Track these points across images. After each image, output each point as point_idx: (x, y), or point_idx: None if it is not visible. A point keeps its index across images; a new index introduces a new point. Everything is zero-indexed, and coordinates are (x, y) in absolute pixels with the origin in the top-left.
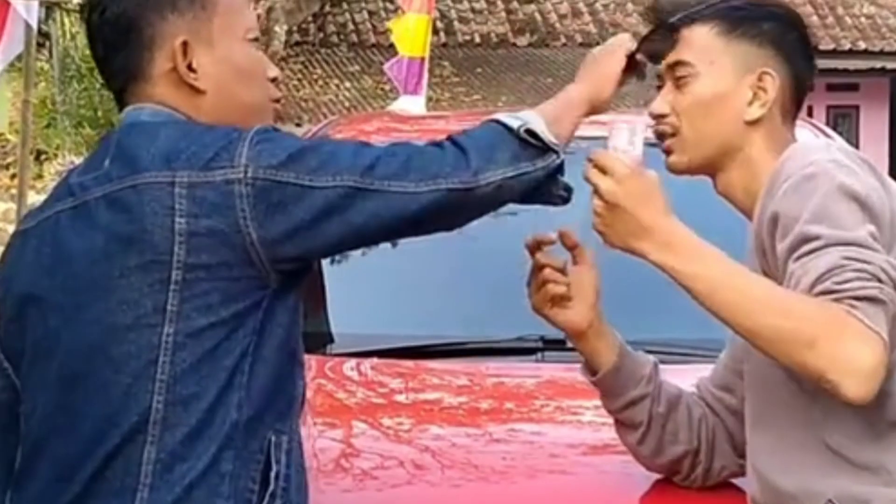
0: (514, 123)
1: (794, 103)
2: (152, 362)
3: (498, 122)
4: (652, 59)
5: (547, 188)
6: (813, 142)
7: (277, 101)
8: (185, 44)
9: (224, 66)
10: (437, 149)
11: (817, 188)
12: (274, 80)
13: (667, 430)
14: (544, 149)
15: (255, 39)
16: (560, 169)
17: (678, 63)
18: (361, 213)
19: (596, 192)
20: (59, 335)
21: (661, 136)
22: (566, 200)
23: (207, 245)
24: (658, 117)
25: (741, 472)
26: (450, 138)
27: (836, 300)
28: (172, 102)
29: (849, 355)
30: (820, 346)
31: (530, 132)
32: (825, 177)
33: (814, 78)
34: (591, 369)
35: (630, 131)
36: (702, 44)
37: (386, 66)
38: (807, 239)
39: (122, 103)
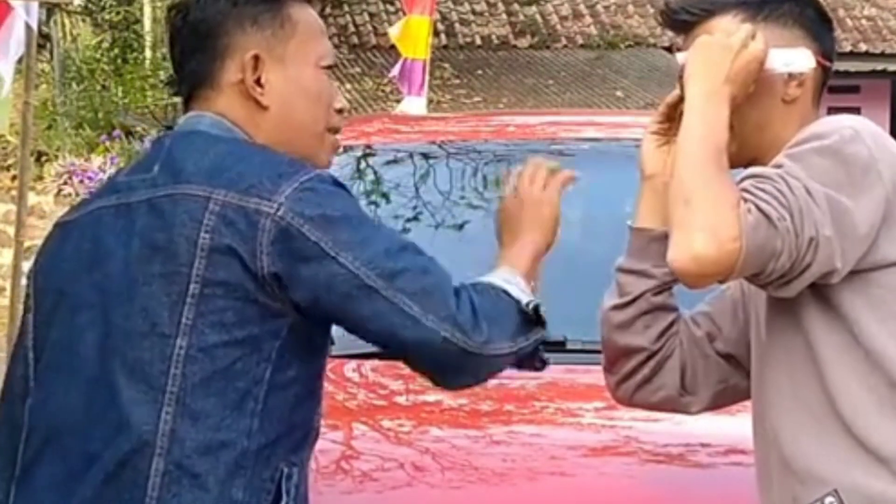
0: (524, 299)
1: (824, 80)
2: (163, 373)
3: (508, 294)
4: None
5: (531, 359)
6: (834, 117)
7: (337, 131)
8: (256, 57)
9: (292, 87)
10: (455, 295)
11: (820, 141)
12: (340, 111)
13: (643, 318)
14: (537, 322)
15: (329, 67)
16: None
17: None
18: (366, 308)
19: None
20: (83, 334)
21: None
22: (541, 369)
23: (226, 263)
24: None
25: (671, 404)
26: (465, 288)
27: (744, 199)
28: (234, 115)
29: (701, 230)
30: (692, 206)
31: (536, 309)
32: (828, 136)
33: (835, 53)
34: (646, 230)
35: None
36: (727, 32)
37: (392, 73)
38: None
39: (187, 109)
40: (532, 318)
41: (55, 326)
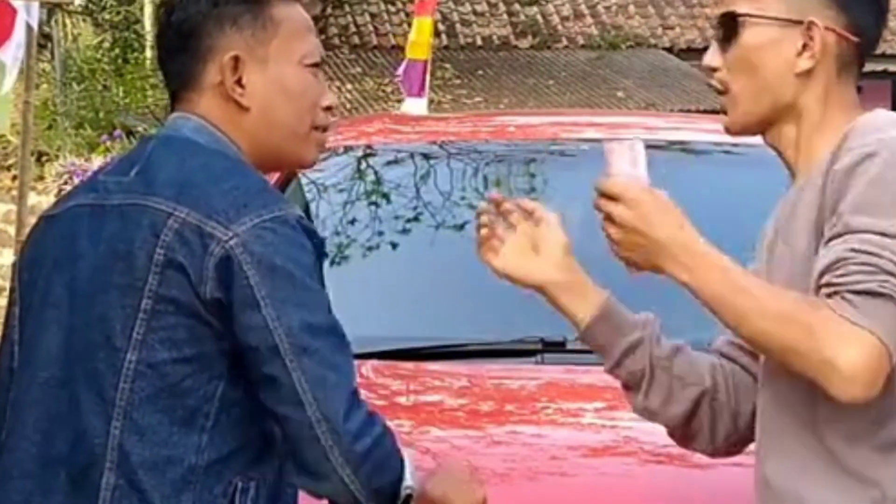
0: (408, 481)
1: (857, 55)
2: (114, 386)
3: (403, 465)
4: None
5: None
6: (885, 115)
7: (325, 129)
8: (235, 58)
9: (273, 87)
10: (351, 408)
11: (868, 170)
12: (329, 108)
13: (673, 374)
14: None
15: (315, 65)
16: None
17: (726, 14)
18: (266, 368)
19: (609, 219)
20: (50, 332)
21: (717, 91)
22: None
23: (178, 281)
24: (710, 70)
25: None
26: (380, 422)
27: (832, 294)
28: (217, 117)
29: (832, 357)
30: (806, 351)
31: (407, 498)
32: (880, 158)
33: (881, 30)
34: (576, 326)
35: (630, 149)
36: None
37: (398, 72)
38: (839, 229)
39: (174, 107)
40: (396, 499)
41: (29, 321)
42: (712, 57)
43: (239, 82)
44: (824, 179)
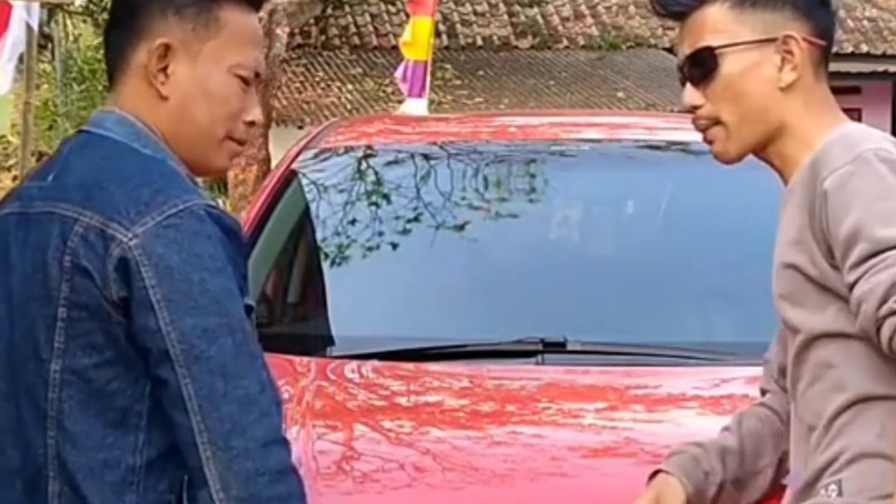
0: None
1: (823, 56)
2: (44, 397)
3: None
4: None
5: None
6: (858, 129)
7: (242, 143)
8: (166, 46)
9: (195, 86)
10: (254, 442)
11: (861, 185)
12: (251, 123)
13: (756, 470)
14: None
15: (245, 80)
16: None
17: (699, 51)
18: (157, 371)
19: None
20: (10, 341)
21: (700, 129)
22: None
23: (86, 286)
24: (693, 109)
25: None
26: (293, 471)
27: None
28: (137, 102)
29: None
30: None
31: None
32: (870, 169)
33: (835, 25)
34: None
35: None
36: (715, 24)
37: (396, 74)
38: (864, 252)
39: (110, 81)
40: None
41: None
42: (692, 96)
43: (164, 71)
44: (811, 191)
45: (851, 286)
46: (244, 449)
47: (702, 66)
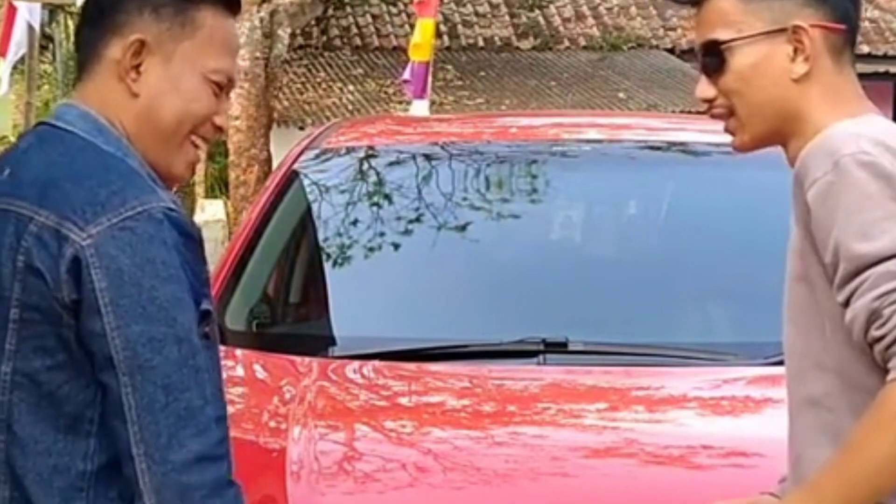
0: None
1: (846, 41)
2: None
3: None
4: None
5: None
6: (839, 131)
7: (206, 140)
8: (141, 43)
9: (167, 85)
10: (191, 457)
11: (840, 196)
12: (219, 128)
13: None
14: None
15: (218, 85)
16: None
17: (708, 43)
18: (102, 376)
19: None
20: None
21: (719, 118)
22: None
23: (38, 287)
24: (707, 102)
25: None
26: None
27: (887, 347)
28: (104, 97)
29: None
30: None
31: None
32: (848, 178)
33: (859, 11)
34: None
35: None
36: (725, 15)
37: (404, 76)
38: (845, 272)
39: (78, 77)
40: None
41: None
42: (705, 89)
43: (137, 68)
44: (800, 203)
45: (843, 305)
46: (180, 463)
47: (712, 59)
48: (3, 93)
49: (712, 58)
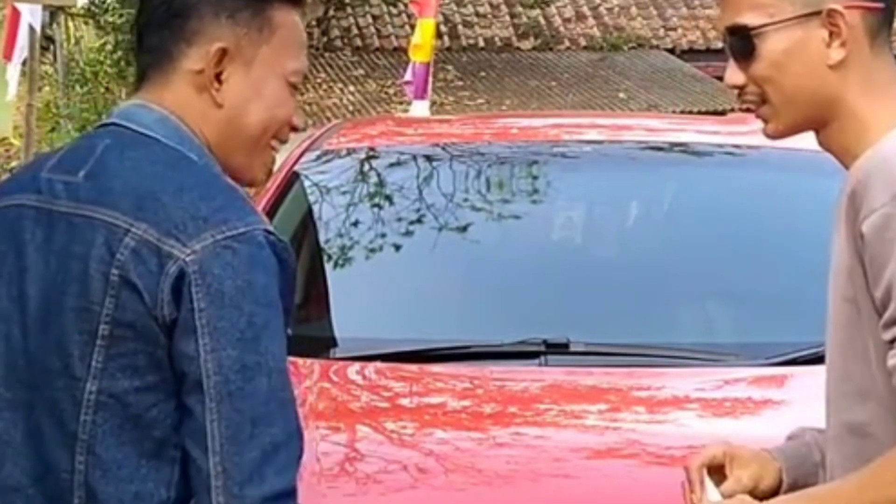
0: None
1: (883, 21)
2: (75, 418)
3: None
4: None
5: None
6: None
7: (282, 142)
8: (223, 51)
9: (250, 92)
10: (269, 495)
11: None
12: (294, 128)
13: None
14: None
15: (294, 86)
16: None
17: (735, 28)
18: (186, 400)
19: None
20: (24, 349)
21: (751, 104)
22: None
23: (133, 304)
24: (737, 89)
25: None
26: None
27: None
28: (184, 107)
29: None
30: None
31: None
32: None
33: None
34: None
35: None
36: None
37: (406, 77)
38: (894, 313)
39: (139, 84)
40: None
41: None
42: (734, 75)
43: (218, 77)
44: (852, 227)
45: (888, 343)
46: (259, 499)
47: (740, 44)
48: (11, 97)
49: (741, 43)
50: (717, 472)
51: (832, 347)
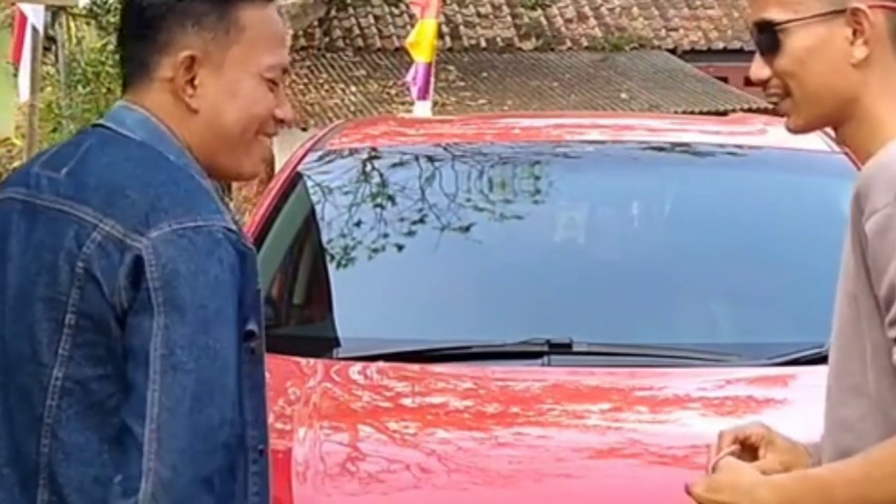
0: None
1: None
2: (41, 403)
3: None
4: None
5: None
6: None
7: (270, 136)
8: (191, 58)
9: (224, 94)
10: (200, 470)
11: None
12: (281, 121)
13: None
14: None
15: (273, 81)
16: None
17: (762, 23)
18: (135, 373)
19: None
20: (1, 336)
21: (774, 98)
22: None
23: (94, 296)
24: (761, 83)
25: None
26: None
27: None
28: (163, 113)
29: None
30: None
31: None
32: None
33: None
34: None
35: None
36: None
37: (407, 77)
38: (894, 318)
39: (125, 89)
40: None
41: None
42: (760, 70)
43: (191, 83)
44: (857, 227)
45: (893, 342)
46: (190, 475)
47: (766, 38)
48: (24, 99)
49: (766, 37)
50: (749, 451)
51: (834, 343)
